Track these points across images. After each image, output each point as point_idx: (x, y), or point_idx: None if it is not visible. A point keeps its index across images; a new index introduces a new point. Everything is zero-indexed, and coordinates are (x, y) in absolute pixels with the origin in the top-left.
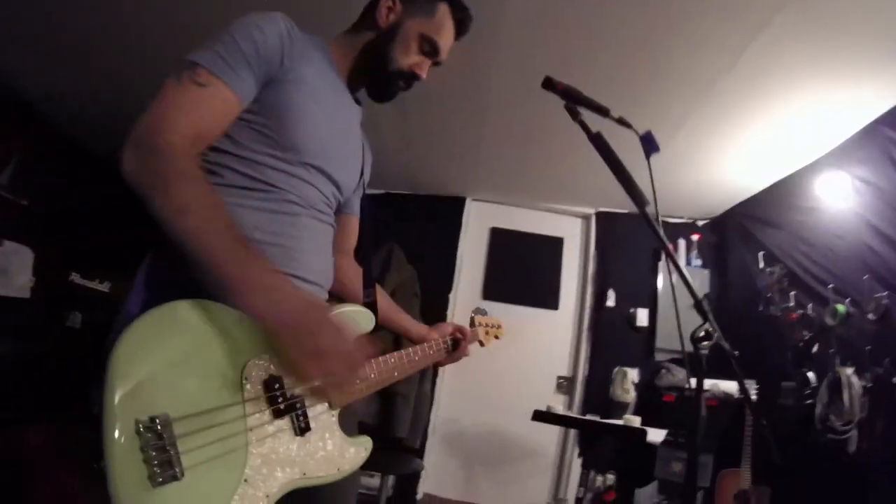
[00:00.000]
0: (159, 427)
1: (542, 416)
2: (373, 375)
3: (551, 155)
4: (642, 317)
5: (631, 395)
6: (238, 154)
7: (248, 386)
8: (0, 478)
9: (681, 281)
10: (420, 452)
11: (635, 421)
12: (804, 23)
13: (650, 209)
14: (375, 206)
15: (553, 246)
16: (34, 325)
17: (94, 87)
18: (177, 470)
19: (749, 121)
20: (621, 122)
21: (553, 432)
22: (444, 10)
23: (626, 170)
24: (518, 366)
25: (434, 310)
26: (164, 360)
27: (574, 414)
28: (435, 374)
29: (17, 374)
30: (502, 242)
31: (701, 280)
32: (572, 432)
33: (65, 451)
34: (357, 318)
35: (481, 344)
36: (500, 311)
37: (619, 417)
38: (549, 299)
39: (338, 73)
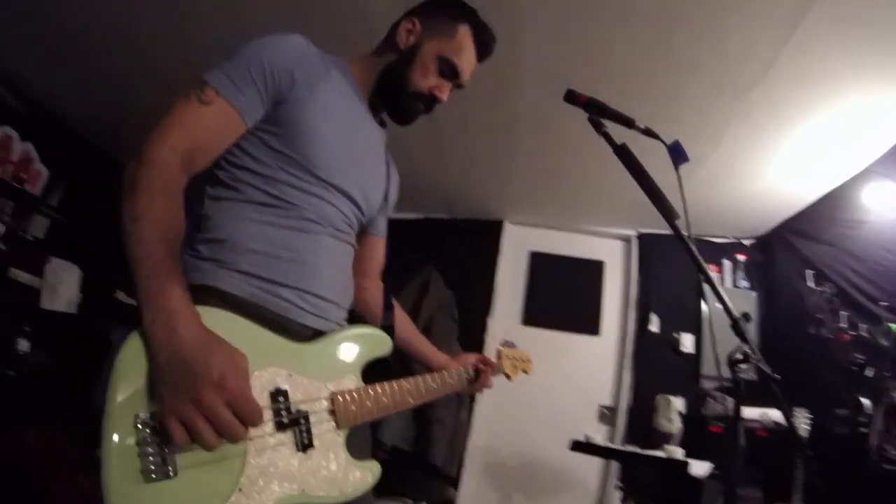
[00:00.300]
0: (158, 424)
1: (580, 447)
2: (385, 399)
3: (588, 175)
4: (687, 342)
5: (675, 425)
6: (257, 171)
7: (253, 393)
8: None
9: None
10: (455, 481)
11: (677, 452)
12: (837, 22)
13: (681, 223)
14: (413, 231)
15: (594, 269)
16: (79, 339)
17: (140, 111)
18: (170, 468)
19: (790, 129)
20: (648, 132)
21: (594, 463)
22: (464, 32)
23: (653, 182)
24: (558, 394)
25: (472, 334)
26: None
27: (615, 444)
28: (472, 402)
29: (57, 384)
30: (542, 266)
31: (748, 302)
32: (614, 463)
33: (65, 452)
34: (370, 340)
35: (507, 377)
36: (540, 337)
37: (663, 448)
38: (590, 325)
39: (358, 95)
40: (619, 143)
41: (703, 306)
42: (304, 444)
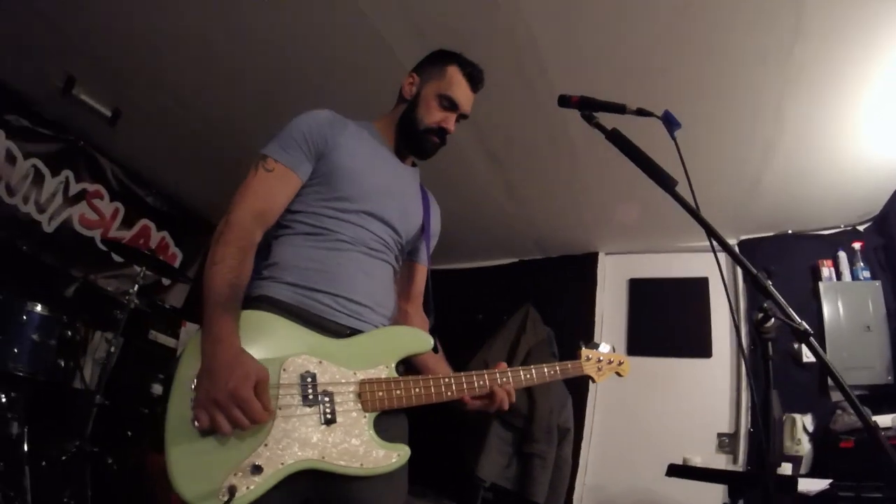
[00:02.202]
0: None
1: (677, 471)
2: (417, 389)
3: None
4: (808, 350)
5: (804, 446)
6: (305, 210)
7: (284, 375)
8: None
9: (847, 294)
10: None
11: (784, 469)
12: None
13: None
14: (510, 274)
15: (698, 288)
16: None
17: None
18: None
19: (853, 77)
20: (640, 112)
21: (718, 496)
22: (453, 70)
23: (647, 156)
24: (673, 425)
25: None
26: None
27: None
28: (580, 438)
29: None
30: (643, 293)
31: (873, 294)
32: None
33: None
34: (405, 338)
35: (592, 380)
36: (648, 366)
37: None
38: (700, 346)
39: (383, 144)
40: (611, 129)
41: (824, 307)
42: (328, 419)
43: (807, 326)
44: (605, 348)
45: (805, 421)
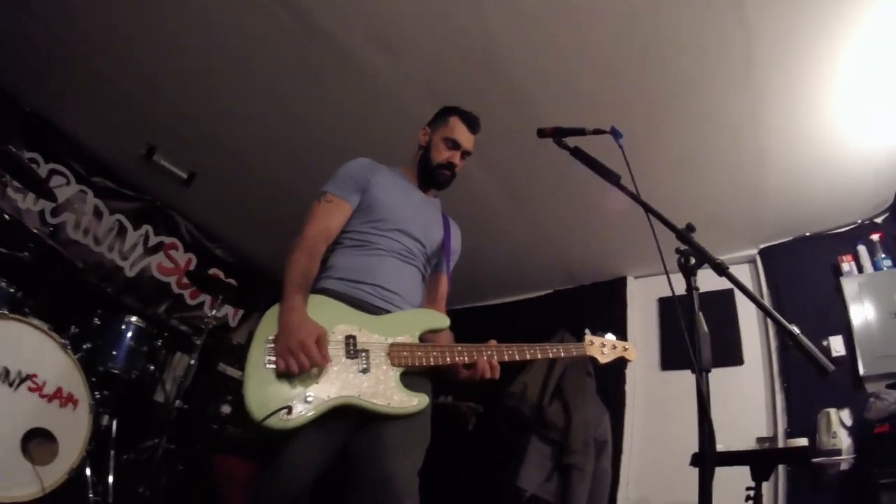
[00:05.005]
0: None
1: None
2: (436, 353)
3: (691, 208)
4: (837, 345)
5: (842, 440)
6: (353, 229)
7: (332, 335)
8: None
9: (870, 285)
10: None
11: (800, 442)
12: None
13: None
14: (545, 304)
15: (724, 299)
16: None
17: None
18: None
19: (819, 68)
20: (596, 132)
21: None
22: (454, 119)
23: (595, 159)
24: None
25: (613, 386)
26: None
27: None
28: (619, 451)
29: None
30: (672, 310)
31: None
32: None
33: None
34: (426, 316)
35: (596, 360)
36: (682, 379)
37: (833, 470)
38: (731, 355)
39: (409, 181)
40: (573, 146)
41: (848, 301)
42: (364, 369)
43: (722, 260)
44: (610, 336)
45: (842, 416)
